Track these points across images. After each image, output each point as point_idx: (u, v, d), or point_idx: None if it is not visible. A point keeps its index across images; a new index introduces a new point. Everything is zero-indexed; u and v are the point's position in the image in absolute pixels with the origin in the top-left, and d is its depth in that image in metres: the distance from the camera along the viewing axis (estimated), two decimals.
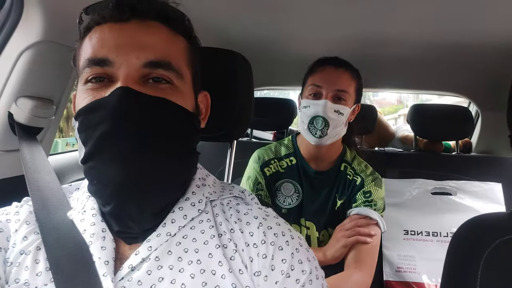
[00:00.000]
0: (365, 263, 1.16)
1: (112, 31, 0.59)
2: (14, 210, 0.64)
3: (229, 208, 0.67)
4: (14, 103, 0.91)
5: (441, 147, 2.11)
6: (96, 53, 0.58)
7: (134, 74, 0.57)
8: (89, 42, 0.60)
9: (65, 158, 1.43)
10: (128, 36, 0.58)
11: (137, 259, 0.57)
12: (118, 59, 0.57)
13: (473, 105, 2.24)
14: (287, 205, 1.36)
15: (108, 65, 0.57)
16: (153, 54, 0.58)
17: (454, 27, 1.30)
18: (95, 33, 0.60)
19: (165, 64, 0.59)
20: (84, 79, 0.59)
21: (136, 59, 0.57)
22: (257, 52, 1.64)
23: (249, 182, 1.37)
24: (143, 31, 0.60)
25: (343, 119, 1.25)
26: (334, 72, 1.27)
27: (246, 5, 1.22)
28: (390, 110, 13.04)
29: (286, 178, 1.38)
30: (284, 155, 1.40)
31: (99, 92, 0.57)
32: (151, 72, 0.58)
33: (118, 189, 0.55)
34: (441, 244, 1.67)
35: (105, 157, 0.54)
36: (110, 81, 0.57)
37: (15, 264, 0.57)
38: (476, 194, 1.75)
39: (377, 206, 1.26)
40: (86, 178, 0.60)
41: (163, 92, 0.58)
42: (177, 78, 0.61)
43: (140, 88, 0.56)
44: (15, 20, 0.90)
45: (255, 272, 0.58)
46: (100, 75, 0.58)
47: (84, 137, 0.57)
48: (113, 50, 0.57)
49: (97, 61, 0.57)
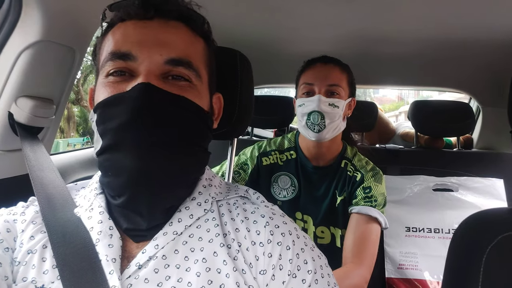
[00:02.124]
0: (364, 258, 1.16)
1: (136, 27, 0.61)
2: (20, 211, 0.64)
3: (236, 207, 0.67)
4: (14, 103, 0.91)
5: (442, 144, 2.11)
6: (119, 47, 0.60)
7: (155, 70, 0.59)
8: (112, 37, 0.62)
9: (66, 158, 1.43)
10: (151, 33, 0.61)
11: (144, 257, 0.57)
12: (141, 55, 0.59)
13: (474, 101, 2.24)
14: (282, 198, 1.39)
15: (131, 60, 0.59)
16: (175, 52, 0.60)
17: (455, 23, 1.29)
18: (119, 29, 0.62)
19: (186, 63, 0.61)
20: (106, 72, 0.60)
21: (159, 55, 0.59)
22: (257, 50, 1.64)
23: (238, 158, 1.46)
24: (166, 30, 0.62)
25: (339, 111, 1.27)
26: (323, 68, 1.30)
27: (247, 5, 1.22)
28: (390, 107, 13.06)
29: (284, 171, 1.41)
30: (286, 148, 1.44)
31: (120, 85, 0.58)
32: (171, 70, 0.60)
33: (132, 180, 0.55)
34: (443, 240, 1.67)
35: (122, 149, 0.55)
36: (131, 76, 0.59)
37: (22, 263, 0.57)
38: (477, 190, 1.75)
39: (377, 202, 1.26)
40: (100, 170, 0.61)
41: (182, 90, 0.60)
42: (196, 78, 0.63)
43: (160, 84, 0.57)
44: (14, 20, 0.90)
45: (260, 270, 0.59)
46: (121, 69, 0.59)
47: (102, 129, 0.58)
48: (136, 45, 0.59)
49: (120, 54, 0.59)
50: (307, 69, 1.33)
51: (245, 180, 1.41)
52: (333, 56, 1.33)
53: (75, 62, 1.05)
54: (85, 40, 1.05)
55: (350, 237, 1.22)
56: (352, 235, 1.22)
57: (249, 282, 0.57)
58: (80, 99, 11.56)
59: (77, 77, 1.55)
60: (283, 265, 0.59)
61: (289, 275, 0.59)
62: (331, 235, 1.35)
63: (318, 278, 0.61)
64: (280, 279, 0.58)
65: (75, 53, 1.03)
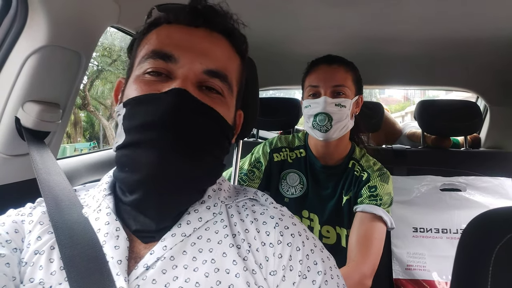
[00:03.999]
0: (367, 256, 1.15)
1: (181, 32, 0.63)
2: (28, 211, 0.65)
3: (245, 209, 0.67)
4: (21, 108, 0.92)
5: (449, 143, 2.09)
6: (163, 47, 0.61)
7: (193, 77, 0.60)
8: (156, 35, 0.64)
9: (73, 162, 1.44)
10: (195, 41, 0.63)
11: (152, 258, 0.57)
12: (183, 59, 0.60)
13: (481, 100, 2.22)
14: (290, 195, 1.40)
15: (172, 61, 0.60)
16: (214, 64, 0.62)
17: (460, 22, 1.29)
18: (164, 30, 0.64)
19: (223, 76, 0.63)
20: (144, 69, 0.61)
21: (199, 64, 0.60)
22: (262, 52, 1.64)
23: (250, 157, 1.45)
24: (209, 40, 0.64)
25: (346, 111, 1.27)
26: (328, 69, 1.30)
27: (251, 7, 1.23)
28: (396, 107, 12.99)
29: (293, 168, 1.42)
30: (296, 146, 1.45)
31: (156, 85, 0.59)
32: (208, 80, 0.62)
33: (149, 178, 0.56)
34: (450, 241, 1.65)
35: (145, 146, 0.56)
36: (168, 78, 0.60)
37: (29, 264, 0.57)
38: (485, 189, 1.74)
39: (382, 201, 1.25)
40: (116, 164, 0.61)
41: (213, 102, 0.61)
42: (228, 92, 0.65)
43: (194, 91, 0.59)
44: (20, 25, 0.91)
45: (270, 271, 0.59)
46: (160, 69, 0.60)
47: (129, 125, 0.58)
48: (179, 49, 0.61)
49: (162, 54, 0.60)
50: (312, 71, 1.33)
51: (260, 178, 1.41)
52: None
53: (81, 66, 1.06)
54: (90, 44, 1.06)
55: (354, 235, 1.21)
56: (356, 233, 1.21)
57: (259, 282, 0.57)
58: (87, 104, 11.64)
59: (83, 82, 1.57)
60: (293, 266, 0.59)
61: (299, 276, 0.59)
62: (336, 235, 1.35)
63: (328, 279, 0.61)
64: (291, 280, 0.58)
65: (81, 58, 1.04)
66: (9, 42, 0.91)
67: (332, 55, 1.33)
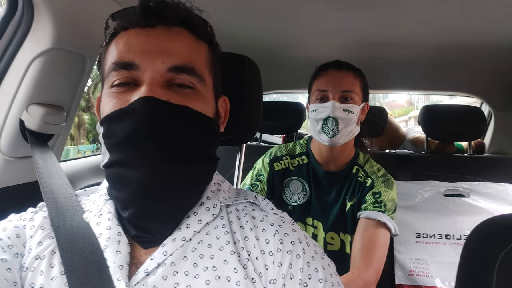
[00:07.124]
0: (371, 263, 1.14)
1: (138, 36, 0.61)
2: (29, 216, 0.65)
3: (245, 214, 0.66)
4: (25, 110, 0.92)
5: (453, 148, 2.08)
6: (122, 57, 0.59)
7: (159, 78, 0.58)
8: (115, 46, 0.62)
9: (76, 164, 1.44)
10: (154, 41, 0.60)
11: (153, 264, 0.57)
12: (144, 63, 0.58)
13: (486, 105, 2.21)
14: (294, 202, 1.39)
15: (134, 69, 0.58)
16: (177, 59, 0.60)
17: (464, 27, 1.28)
18: (122, 38, 0.62)
19: (189, 69, 0.60)
20: (111, 82, 0.60)
21: (161, 63, 0.58)
22: (265, 57, 1.64)
23: (252, 172, 1.45)
24: (168, 37, 0.62)
25: (353, 117, 1.27)
26: (337, 74, 1.29)
27: (254, 11, 1.23)
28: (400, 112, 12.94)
29: (295, 175, 1.41)
30: (297, 153, 1.44)
31: (124, 95, 0.58)
32: (175, 77, 0.59)
33: (139, 195, 0.56)
34: (454, 247, 1.64)
35: (127, 164, 0.55)
36: (135, 85, 0.59)
37: (30, 269, 0.57)
38: (489, 195, 1.72)
39: (386, 207, 1.25)
40: (108, 182, 0.61)
41: (186, 97, 0.59)
42: (200, 83, 0.62)
43: (164, 91, 0.57)
44: (26, 28, 0.91)
45: (270, 280, 0.58)
46: (125, 79, 0.59)
47: (109, 143, 0.58)
48: (139, 54, 0.59)
49: (123, 64, 0.59)
50: (320, 75, 1.33)
51: (264, 190, 1.39)
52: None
53: (86, 69, 1.06)
54: (95, 47, 1.06)
55: (357, 241, 1.21)
56: (359, 239, 1.21)
57: None
58: (91, 106, 11.68)
59: (87, 85, 1.57)
60: (293, 274, 0.59)
61: (300, 284, 0.58)
62: (340, 242, 1.34)
63: (329, 286, 0.60)
64: None
65: (85, 61, 1.04)
66: (14, 45, 0.92)
67: (341, 60, 1.33)
